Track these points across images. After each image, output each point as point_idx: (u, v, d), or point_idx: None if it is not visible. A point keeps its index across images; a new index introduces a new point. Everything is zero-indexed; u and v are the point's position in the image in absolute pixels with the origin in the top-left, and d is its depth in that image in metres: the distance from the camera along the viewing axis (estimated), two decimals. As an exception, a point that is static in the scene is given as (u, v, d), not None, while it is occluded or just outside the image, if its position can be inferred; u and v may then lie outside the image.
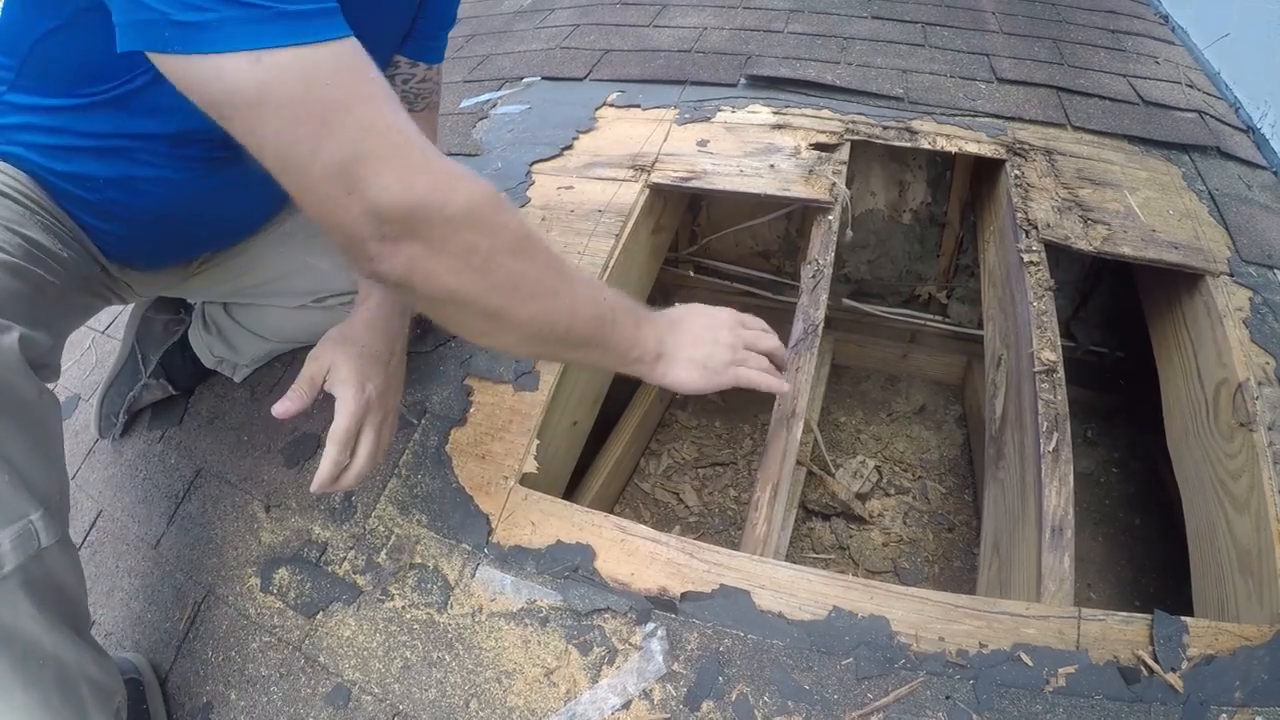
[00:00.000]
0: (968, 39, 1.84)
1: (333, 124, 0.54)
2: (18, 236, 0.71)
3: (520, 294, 0.65)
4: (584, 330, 0.72)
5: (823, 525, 1.62)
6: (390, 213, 0.55)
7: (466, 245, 0.60)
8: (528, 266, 0.65)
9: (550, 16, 2.20)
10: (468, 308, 0.63)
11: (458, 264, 0.60)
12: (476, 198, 0.60)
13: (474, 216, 0.60)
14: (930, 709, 0.72)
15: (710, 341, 0.85)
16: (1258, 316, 1.10)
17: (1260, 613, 0.85)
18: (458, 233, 0.59)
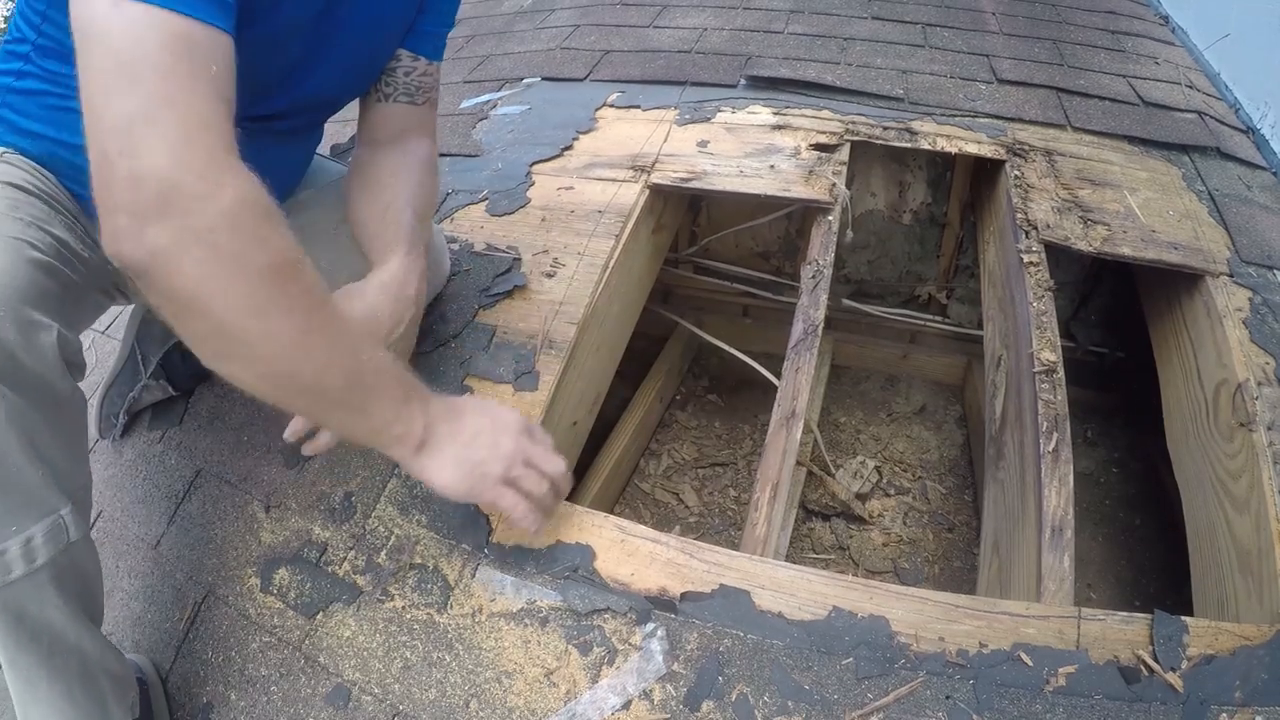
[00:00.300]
0: (968, 40, 1.84)
1: (139, 84, 0.54)
2: (49, 235, 0.72)
3: (265, 321, 0.58)
4: (335, 387, 0.64)
5: (823, 525, 1.62)
6: (150, 184, 0.53)
7: (216, 247, 0.55)
8: (279, 295, 0.59)
9: (550, 17, 2.20)
10: (204, 319, 0.57)
11: (202, 266, 0.55)
12: (246, 200, 0.57)
13: (235, 219, 0.56)
14: (930, 709, 0.72)
15: (488, 446, 0.74)
16: (1257, 317, 1.10)
17: (1260, 613, 0.85)
18: (212, 231, 0.55)
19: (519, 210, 1.34)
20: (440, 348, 1.11)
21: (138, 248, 0.54)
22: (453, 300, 1.18)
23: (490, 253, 1.26)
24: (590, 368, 1.20)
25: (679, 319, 1.88)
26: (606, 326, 1.24)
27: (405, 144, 0.97)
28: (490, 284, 1.18)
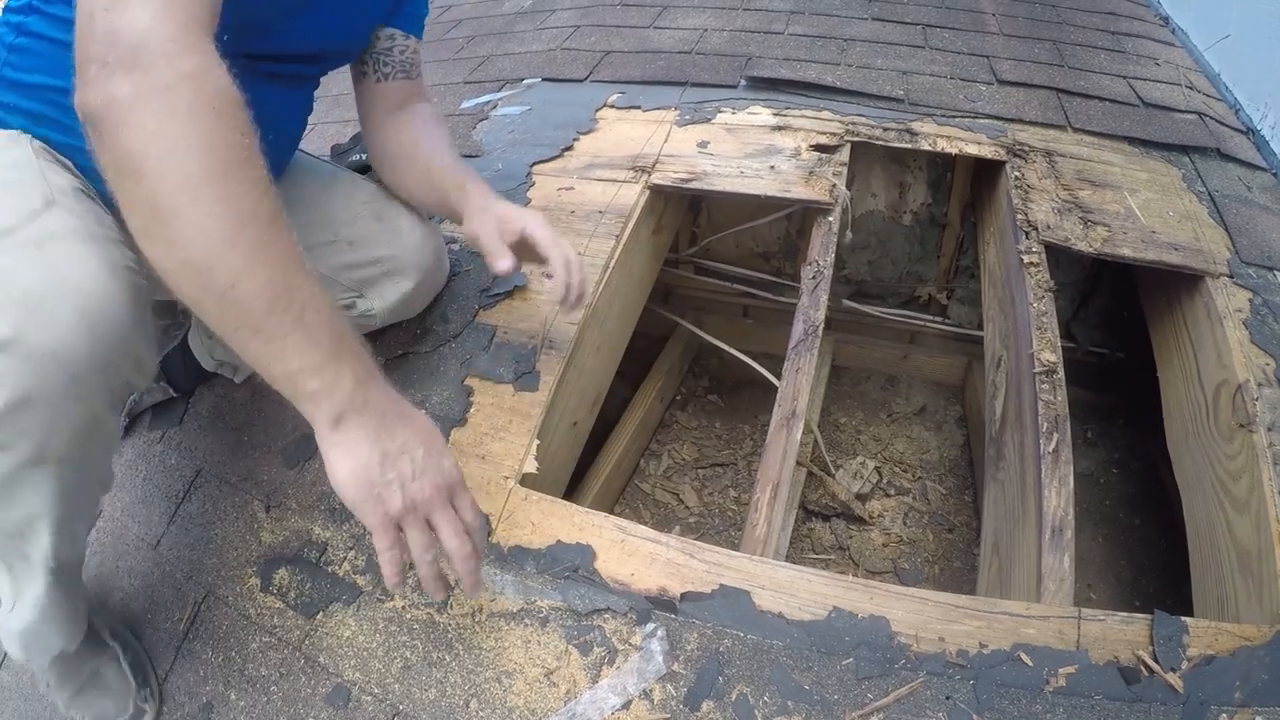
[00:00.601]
0: (968, 40, 1.84)
1: None
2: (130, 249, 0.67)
3: (195, 201, 0.55)
4: (254, 302, 0.57)
5: (823, 526, 1.62)
6: (123, 38, 0.55)
7: (170, 108, 0.55)
8: (218, 176, 0.56)
9: (551, 18, 2.20)
10: (139, 183, 0.55)
11: (150, 122, 0.55)
12: (209, 75, 0.58)
13: (195, 86, 0.56)
14: (930, 709, 0.72)
15: (407, 461, 0.64)
16: (1258, 318, 1.10)
17: (1260, 613, 0.85)
18: (169, 89, 0.55)
19: (519, 210, 1.34)
20: (441, 347, 1.11)
21: (99, 94, 0.55)
22: (453, 300, 1.18)
23: (490, 253, 1.26)
24: (590, 368, 1.20)
25: (679, 319, 1.88)
26: (607, 326, 1.24)
27: (411, 108, 1.03)
28: (490, 284, 1.18)
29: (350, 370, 0.62)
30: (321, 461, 0.63)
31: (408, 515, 0.64)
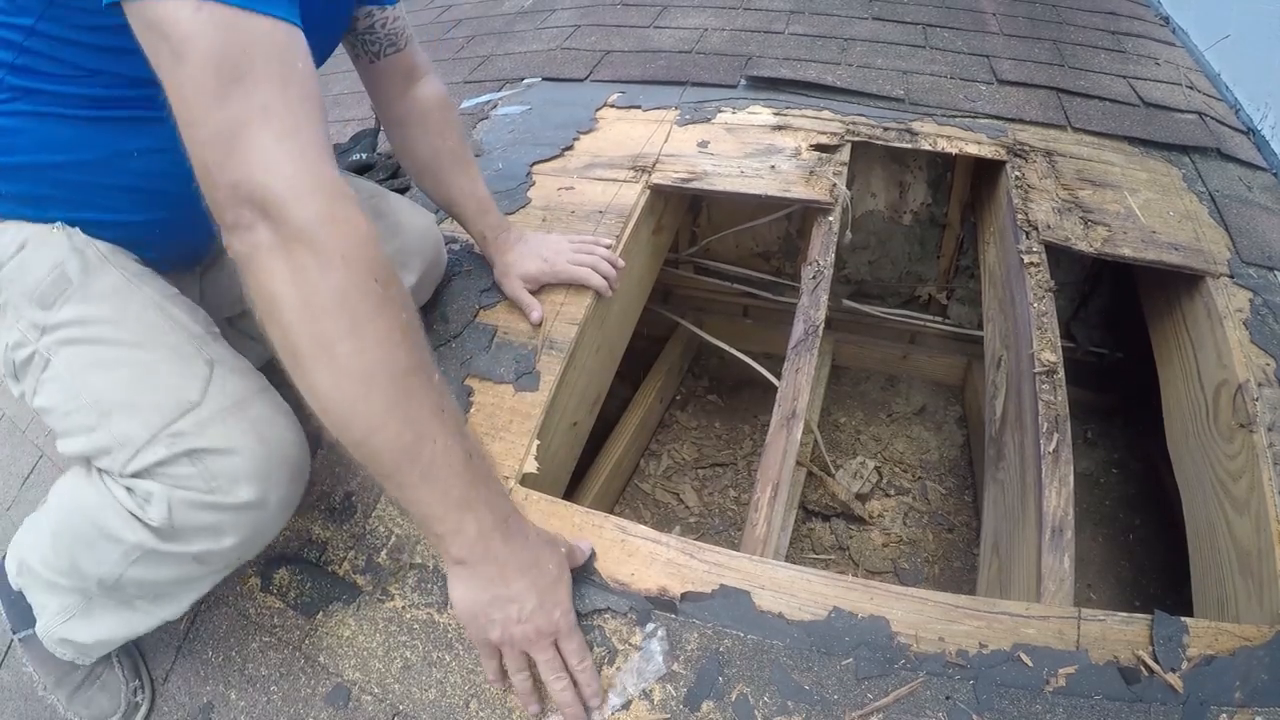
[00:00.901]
0: (968, 40, 1.84)
1: (232, 93, 0.54)
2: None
3: (328, 360, 0.57)
4: (382, 451, 0.60)
5: (823, 526, 1.62)
6: (246, 189, 0.55)
7: (301, 261, 0.55)
8: (351, 335, 0.57)
9: (551, 17, 2.20)
10: (279, 330, 0.57)
11: (285, 275, 0.56)
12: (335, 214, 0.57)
13: (324, 235, 0.56)
14: (930, 709, 0.72)
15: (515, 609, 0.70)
16: (1258, 318, 1.10)
17: (1260, 613, 0.85)
18: (300, 243, 0.55)
19: (519, 210, 1.34)
20: (440, 347, 1.11)
21: (241, 241, 0.56)
22: (453, 300, 1.18)
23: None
24: (590, 368, 1.20)
25: (679, 319, 1.88)
26: (607, 326, 1.24)
27: (418, 97, 1.06)
28: (490, 284, 1.18)
29: (475, 520, 0.66)
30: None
31: (504, 647, 0.72)
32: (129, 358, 0.71)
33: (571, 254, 1.15)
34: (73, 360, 0.71)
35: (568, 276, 1.14)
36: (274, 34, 0.57)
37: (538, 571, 0.72)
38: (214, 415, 0.69)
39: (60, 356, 0.71)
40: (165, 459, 0.67)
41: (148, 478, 0.68)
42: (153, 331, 0.73)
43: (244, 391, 0.73)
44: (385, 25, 1.01)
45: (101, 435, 0.69)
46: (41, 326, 0.72)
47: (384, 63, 1.03)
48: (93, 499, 0.71)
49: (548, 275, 1.14)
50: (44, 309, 0.72)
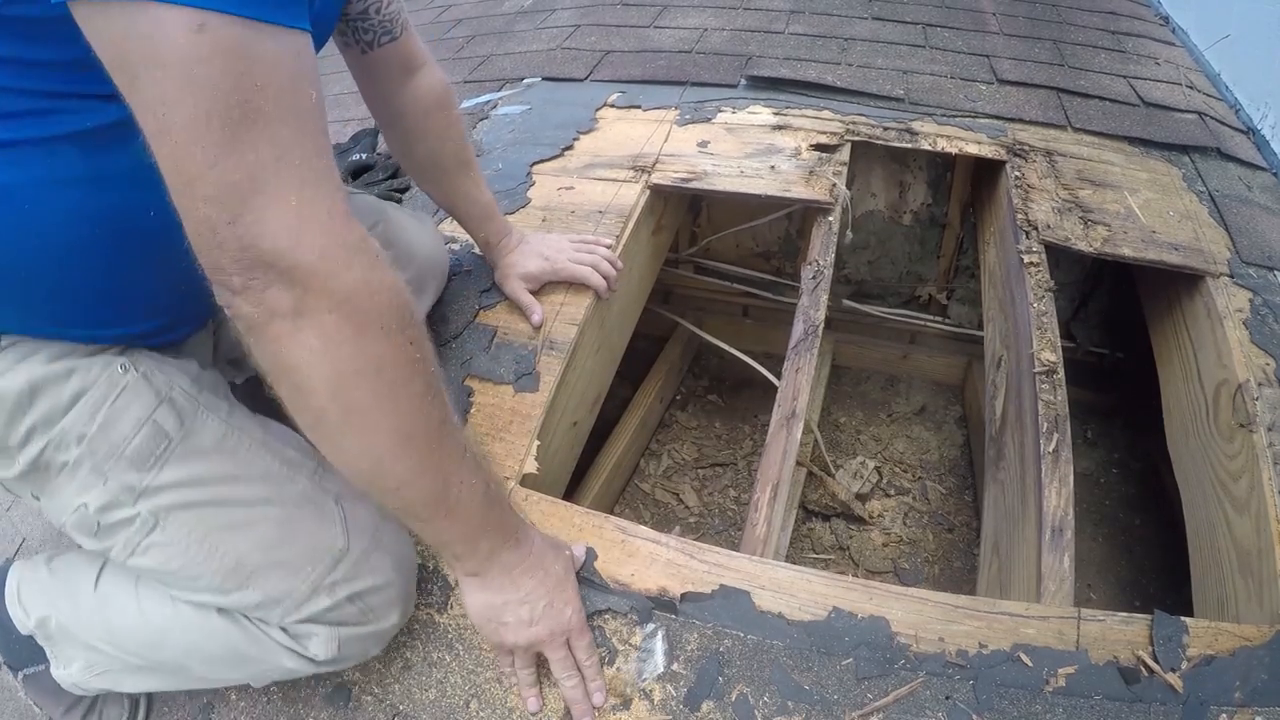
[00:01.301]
0: (968, 40, 1.84)
1: (247, 135, 0.45)
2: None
3: (361, 427, 0.55)
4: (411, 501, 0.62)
5: (823, 525, 1.62)
6: (267, 258, 0.47)
7: (333, 331, 0.50)
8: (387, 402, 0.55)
9: (551, 17, 2.20)
10: (303, 397, 0.54)
11: (315, 345, 0.51)
12: (368, 282, 0.51)
13: (357, 305, 0.51)
14: (930, 709, 0.72)
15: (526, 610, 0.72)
16: (1258, 318, 1.10)
17: (1260, 613, 0.85)
18: (332, 313, 0.50)
19: (519, 210, 1.34)
20: (441, 347, 1.11)
21: (255, 307, 0.49)
22: (453, 300, 1.18)
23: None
24: (590, 368, 1.20)
25: (679, 319, 1.88)
26: (607, 326, 1.24)
27: (417, 93, 0.98)
28: (490, 284, 1.18)
29: (488, 541, 0.69)
30: None
31: (517, 650, 0.74)
32: (262, 515, 0.69)
33: (573, 253, 1.15)
34: (195, 525, 0.67)
35: (569, 275, 1.13)
36: (287, 56, 0.47)
37: (544, 573, 0.73)
38: (362, 556, 0.71)
39: (176, 520, 0.66)
40: (329, 607, 0.69)
41: (310, 622, 0.70)
42: (275, 481, 0.71)
43: (372, 519, 0.73)
44: (380, 10, 0.90)
45: (251, 595, 0.68)
46: (139, 489, 0.65)
47: (378, 53, 0.93)
48: (236, 635, 0.71)
49: (549, 274, 1.14)
50: (140, 470, 0.65)
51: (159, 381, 0.68)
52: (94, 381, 0.65)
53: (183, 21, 0.42)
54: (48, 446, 0.64)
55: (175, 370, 0.71)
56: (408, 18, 0.95)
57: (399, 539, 0.76)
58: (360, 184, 1.49)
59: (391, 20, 0.92)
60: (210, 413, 0.70)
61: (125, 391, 0.66)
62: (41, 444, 0.64)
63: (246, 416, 0.75)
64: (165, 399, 0.68)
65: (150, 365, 0.69)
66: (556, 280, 1.15)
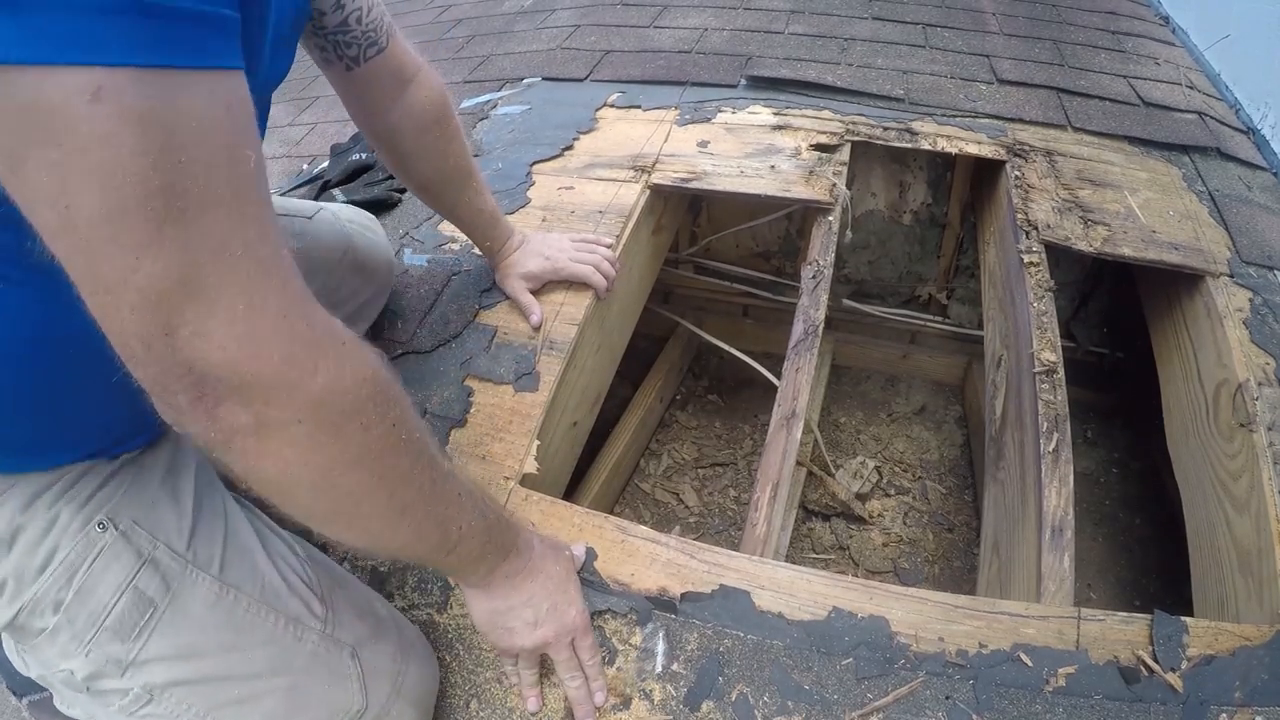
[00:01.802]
0: (968, 40, 1.84)
1: (173, 227, 0.36)
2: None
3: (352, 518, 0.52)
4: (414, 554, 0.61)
5: (823, 525, 1.62)
6: (215, 376, 0.40)
7: (307, 440, 0.45)
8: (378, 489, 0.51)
9: (551, 17, 2.20)
10: (290, 500, 0.50)
11: (290, 456, 0.45)
12: (338, 382, 0.45)
13: (330, 410, 0.45)
14: (930, 709, 0.72)
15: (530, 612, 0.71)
16: (1258, 317, 1.10)
17: (1260, 613, 0.85)
18: (303, 424, 0.44)
19: (519, 210, 1.34)
20: (440, 348, 1.11)
21: (209, 427, 0.42)
22: (454, 300, 1.18)
23: (490, 253, 1.26)
24: (590, 368, 1.20)
25: (679, 319, 1.88)
26: (607, 326, 1.24)
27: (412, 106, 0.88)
28: (490, 284, 1.18)
29: (488, 563, 0.67)
30: None
31: (523, 652, 0.73)
32: (267, 688, 0.63)
33: (574, 252, 1.15)
34: (194, 702, 0.61)
35: (570, 274, 1.13)
36: (216, 112, 0.37)
37: (546, 576, 0.73)
38: (382, 711, 0.69)
39: (172, 697, 0.61)
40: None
41: None
42: (280, 644, 0.65)
43: (390, 660, 0.71)
44: (361, 19, 0.78)
45: None
46: (126, 661, 0.59)
47: (365, 68, 0.81)
48: None
49: (550, 273, 1.13)
50: (124, 641, 0.59)
51: (140, 540, 0.61)
52: (68, 542, 0.58)
53: (74, 87, 0.33)
54: (21, 611, 0.58)
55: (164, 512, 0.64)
56: (392, 22, 0.83)
57: (421, 675, 0.73)
58: (360, 184, 1.49)
59: (375, 29, 0.80)
60: (201, 571, 0.63)
61: (103, 554, 0.59)
62: (14, 609, 0.58)
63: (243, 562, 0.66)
64: (148, 559, 0.61)
65: (131, 517, 0.61)
66: (557, 280, 1.14)
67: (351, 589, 0.75)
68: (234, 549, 0.67)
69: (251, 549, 0.68)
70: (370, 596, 0.76)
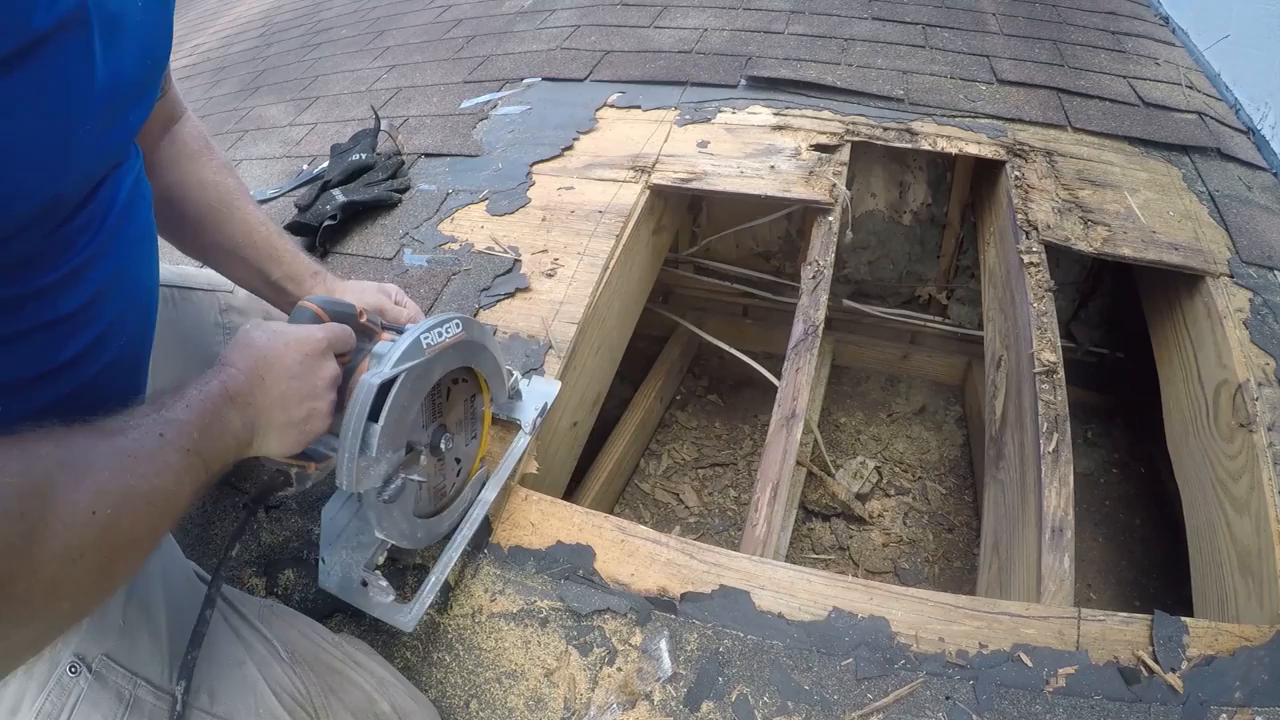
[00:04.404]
0: (968, 40, 1.84)
1: None
2: None
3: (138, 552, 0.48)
4: (160, 519, 0.50)
5: (823, 525, 1.62)
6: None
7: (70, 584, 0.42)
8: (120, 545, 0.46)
9: (551, 17, 2.20)
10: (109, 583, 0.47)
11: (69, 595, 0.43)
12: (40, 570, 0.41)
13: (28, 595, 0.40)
14: (930, 709, 0.72)
15: (306, 395, 0.63)
16: (1258, 317, 1.10)
17: (1260, 613, 0.85)
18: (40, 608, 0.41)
19: (519, 210, 1.34)
20: (440, 348, 1.11)
21: None
22: (454, 300, 1.18)
23: (490, 253, 1.26)
24: (590, 368, 1.20)
25: (679, 319, 1.88)
26: (607, 326, 1.24)
27: (182, 138, 0.80)
28: (490, 284, 1.18)
29: (234, 414, 0.58)
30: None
31: (319, 407, 0.65)
32: None
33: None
34: None
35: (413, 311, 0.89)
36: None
37: (257, 338, 0.63)
38: None
39: None
40: None
41: None
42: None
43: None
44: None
45: None
46: None
47: None
48: None
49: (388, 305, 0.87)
50: None
51: (118, 679, 0.55)
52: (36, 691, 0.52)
53: None
54: None
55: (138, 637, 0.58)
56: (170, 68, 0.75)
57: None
58: (360, 184, 1.49)
59: (166, 78, 0.73)
60: (189, 706, 0.58)
61: (80, 704, 0.53)
62: None
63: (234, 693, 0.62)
64: (129, 703, 0.55)
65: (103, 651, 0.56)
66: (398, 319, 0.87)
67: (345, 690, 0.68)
68: (219, 668, 0.62)
69: (238, 662, 0.63)
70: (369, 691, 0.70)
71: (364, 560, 0.78)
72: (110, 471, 0.46)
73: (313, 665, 0.68)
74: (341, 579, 0.78)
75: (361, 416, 0.64)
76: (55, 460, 0.43)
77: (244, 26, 3.26)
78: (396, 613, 0.76)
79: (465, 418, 0.82)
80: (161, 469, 0.49)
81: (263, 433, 0.61)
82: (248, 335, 0.63)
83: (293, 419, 0.62)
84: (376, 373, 0.65)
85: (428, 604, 0.78)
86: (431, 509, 0.80)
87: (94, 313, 0.55)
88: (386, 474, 0.67)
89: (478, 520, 0.84)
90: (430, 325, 0.70)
